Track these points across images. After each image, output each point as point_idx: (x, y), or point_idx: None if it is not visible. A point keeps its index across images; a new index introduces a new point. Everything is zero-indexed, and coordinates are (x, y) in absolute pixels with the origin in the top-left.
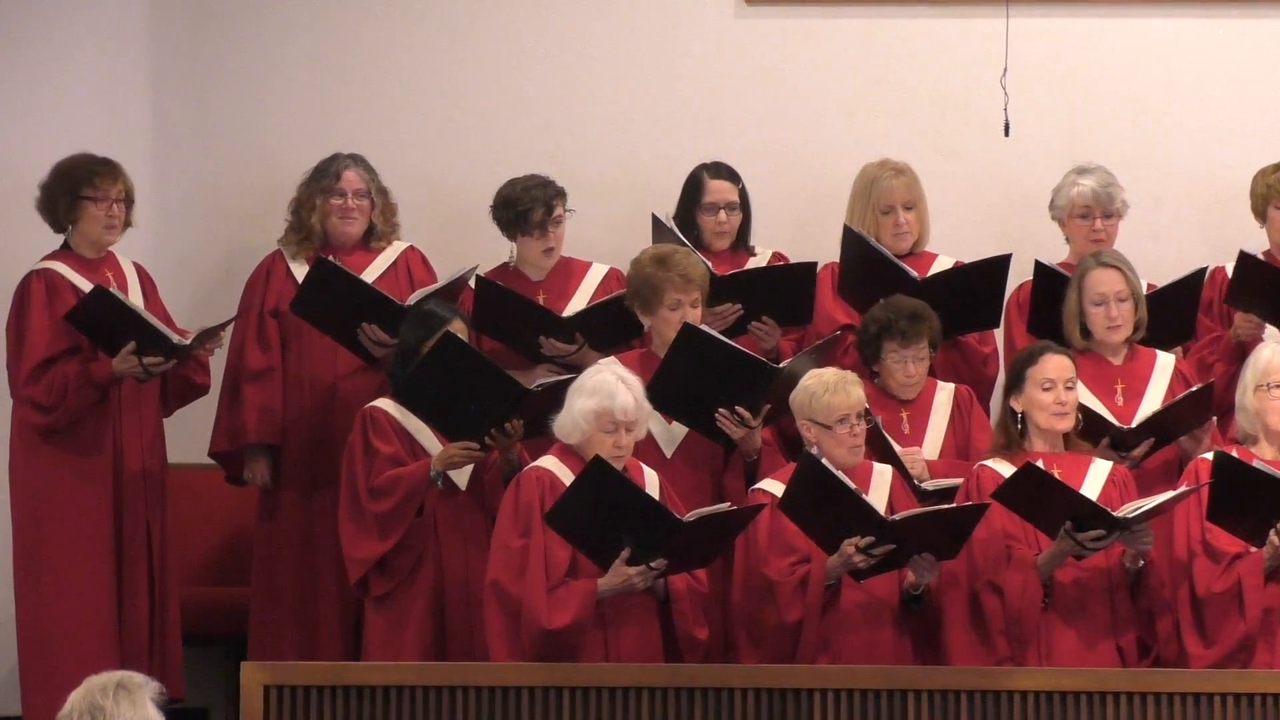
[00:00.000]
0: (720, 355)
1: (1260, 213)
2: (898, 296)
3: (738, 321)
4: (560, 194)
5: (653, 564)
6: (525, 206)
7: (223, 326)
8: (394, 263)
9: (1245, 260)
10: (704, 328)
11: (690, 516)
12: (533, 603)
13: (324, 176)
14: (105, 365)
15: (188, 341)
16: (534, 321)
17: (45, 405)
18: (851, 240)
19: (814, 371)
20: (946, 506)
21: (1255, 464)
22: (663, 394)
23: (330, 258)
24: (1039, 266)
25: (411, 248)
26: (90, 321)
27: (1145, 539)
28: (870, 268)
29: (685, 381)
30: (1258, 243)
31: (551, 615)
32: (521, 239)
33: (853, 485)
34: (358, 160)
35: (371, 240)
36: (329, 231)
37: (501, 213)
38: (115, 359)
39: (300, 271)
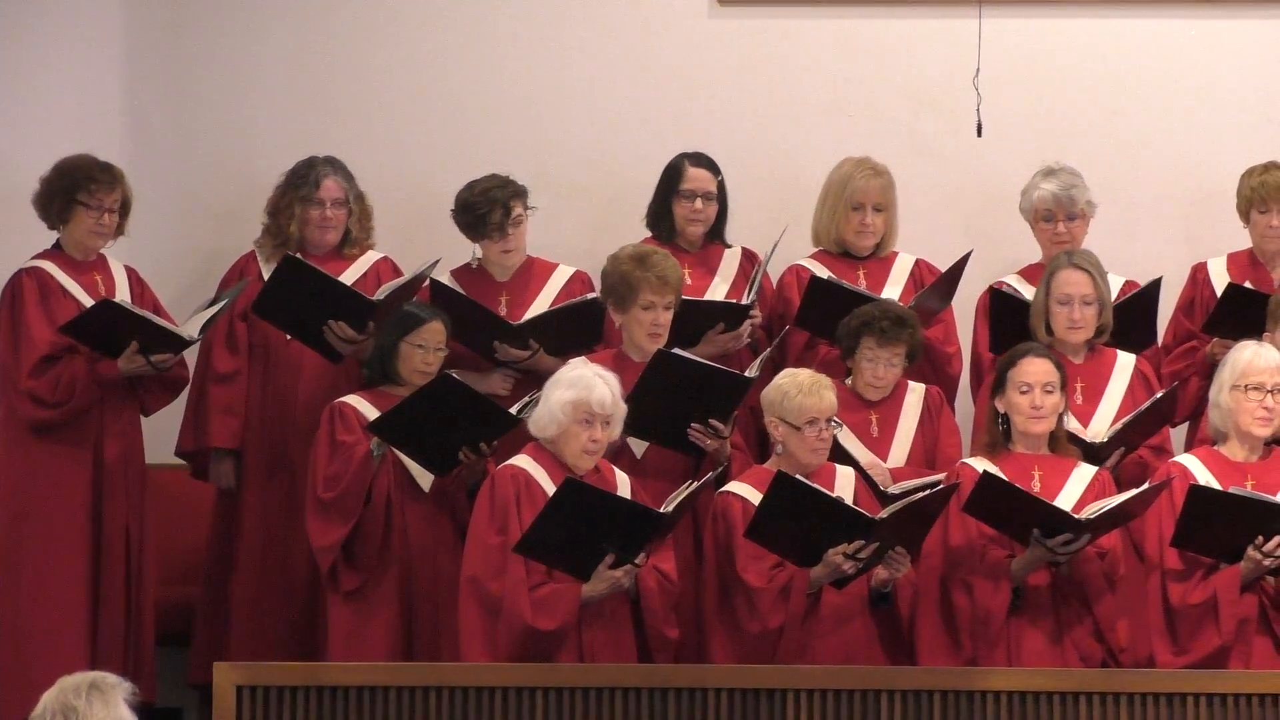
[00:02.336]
0: (696, 375)
1: (1244, 214)
2: (890, 299)
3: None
4: (518, 194)
5: (636, 560)
6: (483, 210)
7: (222, 311)
8: (365, 273)
9: (1232, 291)
10: (678, 351)
11: (669, 506)
12: (515, 600)
13: (303, 185)
14: (112, 365)
15: (197, 336)
16: (487, 327)
17: (50, 401)
18: (818, 286)
19: (789, 371)
20: (923, 495)
21: (1233, 490)
22: (635, 418)
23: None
24: (994, 292)
25: (385, 258)
26: (89, 331)
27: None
28: (835, 303)
29: (659, 404)
30: (1232, 243)
31: (538, 616)
32: (482, 241)
33: (833, 494)
34: (336, 167)
35: (345, 247)
36: (306, 239)
37: (460, 217)
38: (120, 360)
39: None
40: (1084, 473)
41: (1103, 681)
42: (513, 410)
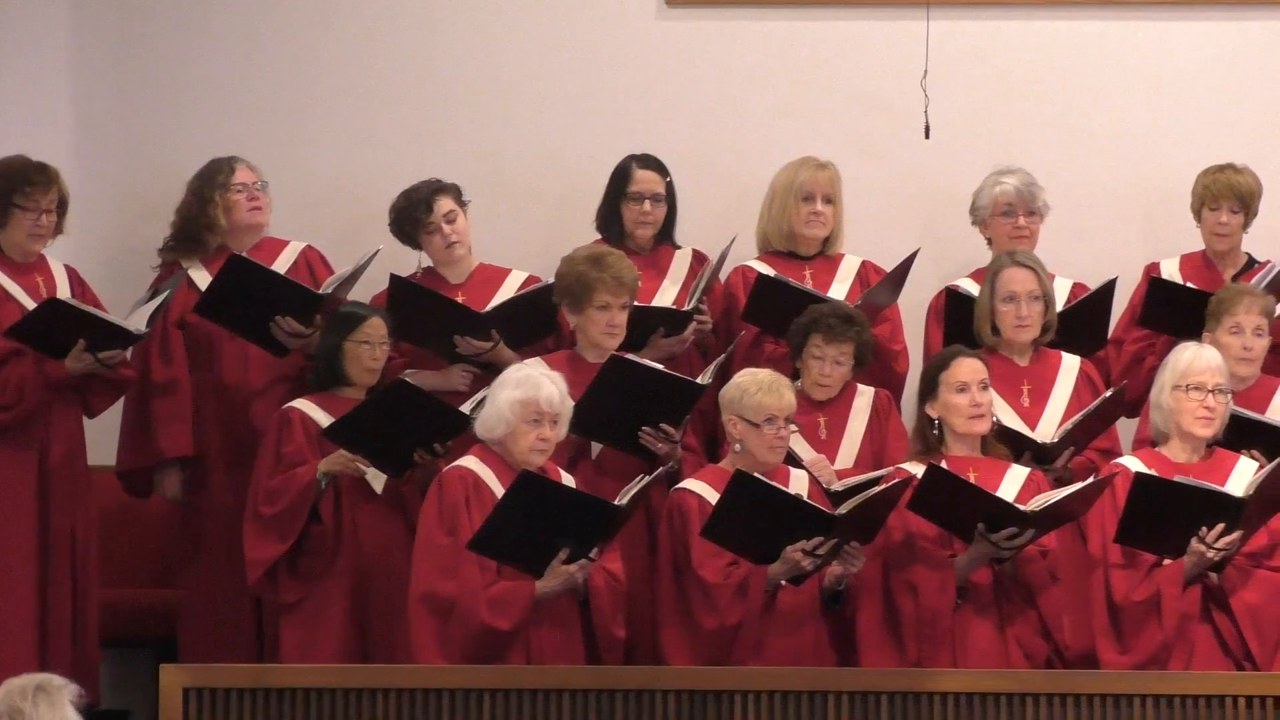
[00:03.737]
0: (649, 380)
1: (1196, 212)
2: (840, 300)
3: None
4: (443, 189)
5: (591, 555)
6: (409, 211)
7: (165, 304)
8: (295, 262)
9: (1154, 285)
10: (631, 356)
11: (623, 499)
12: (470, 599)
13: (218, 174)
14: (59, 365)
15: (144, 329)
16: (449, 319)
17: (1, 404)
18: (763, 283)
19: (749, 370)
20: (880, 488)
21: (1179, 479)
22: (587, 421)
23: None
24: (950, 293)
25: (309, 246)
26: (35, 332)
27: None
28: (781, 300)
29: (611, 407)
30: (1185, 245)
31: (494, 615)
32: (423, 241)
33: (790, 491)
34: (241, 158)
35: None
36: (235, 225)
37: (395, 225)
38: (68, 359)
39: (200, 276)
40: (1018, 473)
41: (1050, 682)
42: (464, 409)
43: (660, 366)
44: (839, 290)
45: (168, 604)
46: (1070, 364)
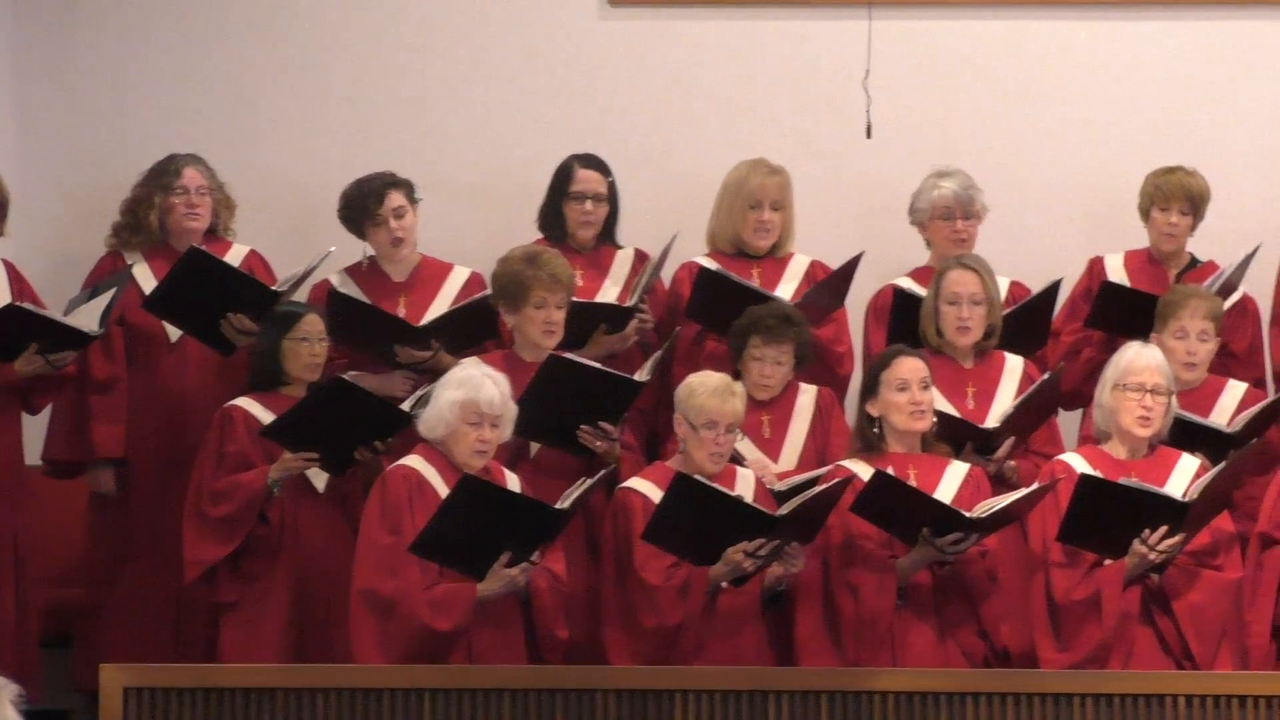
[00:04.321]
0: (586, 378)
1: (1145, 212)
2: (780, 299)
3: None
4: (395, 183)
5: (532, 558)
6: (359, 200)
7: (114, 301)
8: (239, 266)
9: (1106, 289)
10: (569, 355)
11: (564, 502)
12: (411, 600)
13: (164, 174)
14: (7, 369)
15: (99, 330)
16: (389, 331)
17: None
18: (706, 278)
19: (705, 372)
20: (820, 489)
21: (1123, 481)
22: (526, 419)
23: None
24: (898, 293)
25: (253, 251)
26: None
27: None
28: (724, 296)
29: (549, 406)
30: (1129, 245)
31: (435, 616)
32: (369, 233)
33: (733, 493)
34: (195, 158)
35: (212, 243)
36: (170, 229)
37: (342, 213)
38: (18, 362)
39: (143, 273)
40: (957, 470)
41: (990, 682)
42: (404, 406)
43: (598, 364)
44: (786, 290)
45: (85, 603)
46: (1014, 365)
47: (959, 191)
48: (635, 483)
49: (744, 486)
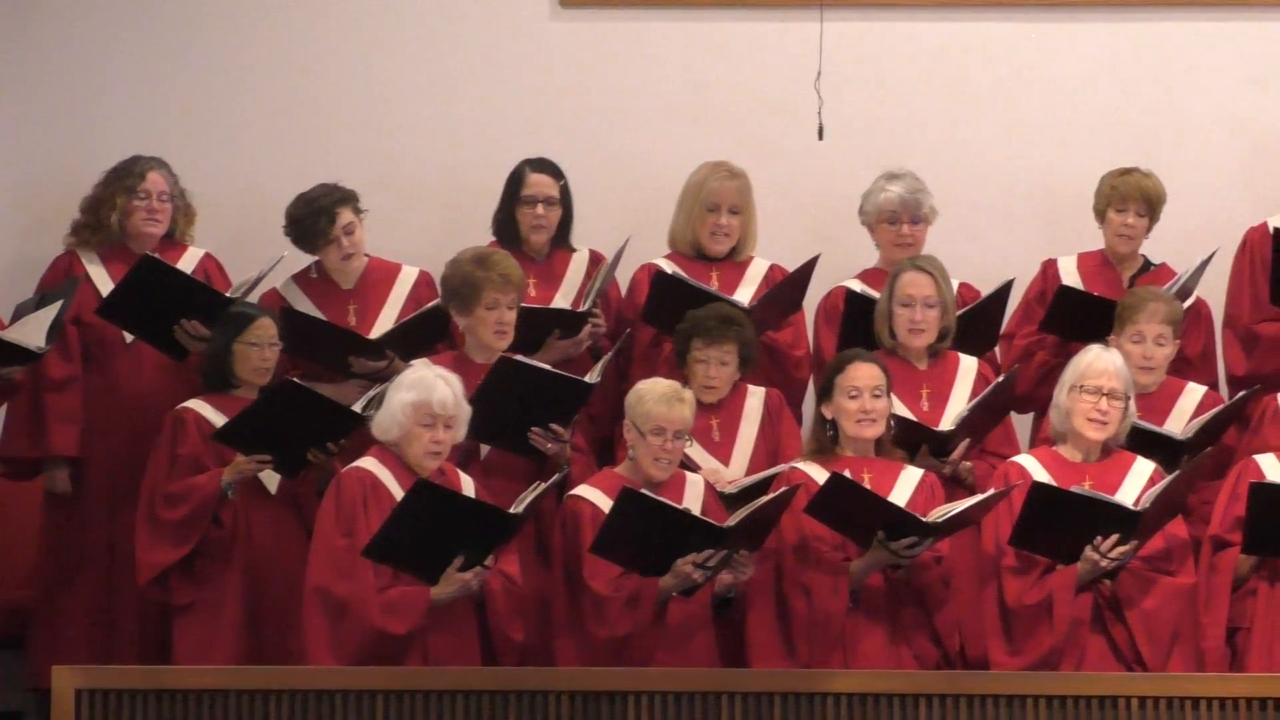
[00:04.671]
0: (537, 380)
1: (1101, 213)
2: (720, 302)
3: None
4: (344, 199)
5: (485, 563)
6: (309, 221)
7: (61, 314)
8: (194, 270)
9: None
10: (519, 357)
11: (518, 506)
12: (364, 603)
13: (127, 176)
14: None
15: (45, 345)
16: (343, 343)
17: None
18: (662, 280)
19: (655, 379)
20: (766, 499)
21: (1075, 490)
22: (477, 422)
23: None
24: (850, 293)
25: (208, 255)
26: None
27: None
28: (680, 299)
29: (500, 408)
30: (1081, 246)
31: (387, 620)
32: (321, 250)
33: (680, 506)
34: (160, 163)
35: (168, 247)
36: (128, 232)
37: (290, 230)
38: None
39: (99, 275)
40: (912, 475)
41: (942, 683)
42: (356, 408)
43: (548, 366)
44: (744, 293)
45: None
46: (969, 366)
47: (905, 196)
48: (584, 490)
49: (693, 494)
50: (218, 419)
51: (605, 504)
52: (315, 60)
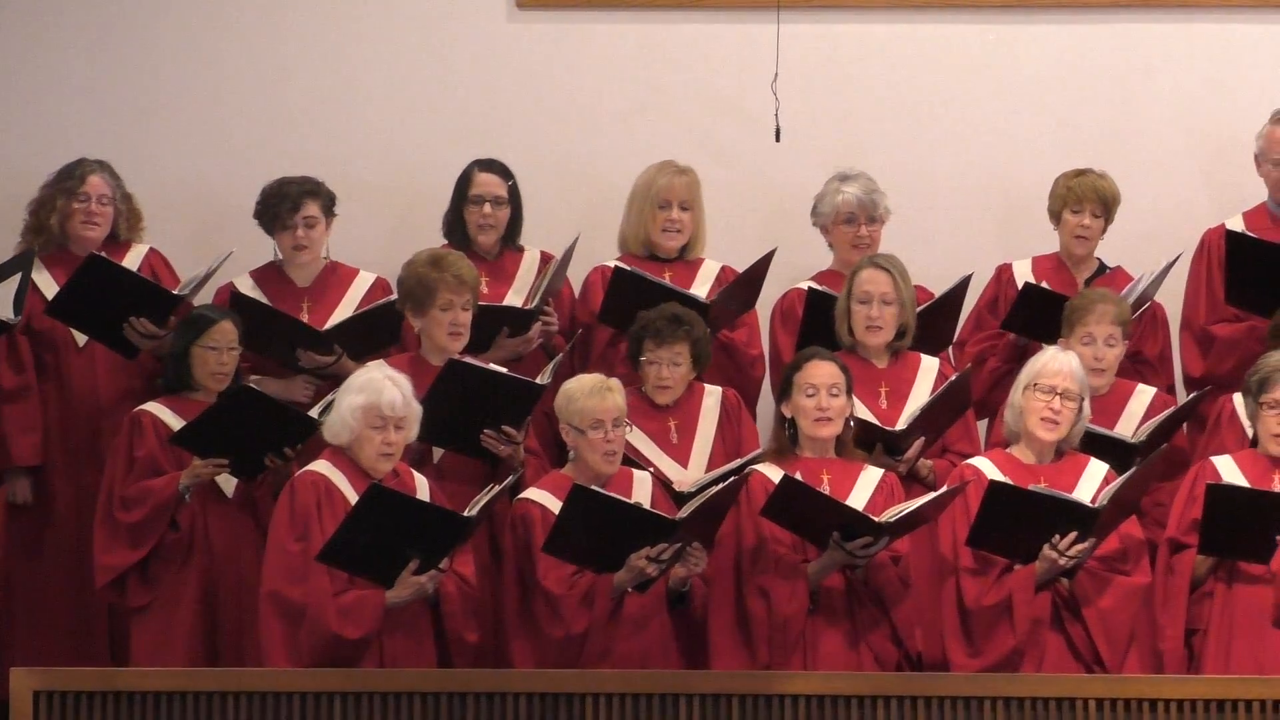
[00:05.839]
0: (487, 383)
1: (1056, 215)
2: (670, 302)
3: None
4: (314, 193)
5: (440, 566)
6: (273, 202)
7: (24, 284)
8: (139, 267)
9: (1027, 290)
10: (468, 359)
11: (472, 509)
12: (320, 607)
13: (68, 179)
14: None
15: (13, 318)
16: (290, 334)
17: None
18: (622, 277)
19: (577, 377)
20: (714, 491)
21: (1033, 488)
22: (429, 425)
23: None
24: (811, 292)
25: (153, 250)
26: None
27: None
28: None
29: (451, 411)
30: (1036, 246)
31: (343, 624)
32: (277, 234)
33: (631, 501)
34: (103, 165)
35: (113, 246)
36: (69, 234)
37: (259, 209)
38: None
39: (43, 280)
40: (871, 475)
41: (900, 685)
42: (312, 413)
43: (499, 368)
44: (698, 293)
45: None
46: (929, 365)
47: (862, 197)
48: (533, 493)
49: (641, 489)
50: (175, 422)
51: (555, 505)
52: (271, 62)
